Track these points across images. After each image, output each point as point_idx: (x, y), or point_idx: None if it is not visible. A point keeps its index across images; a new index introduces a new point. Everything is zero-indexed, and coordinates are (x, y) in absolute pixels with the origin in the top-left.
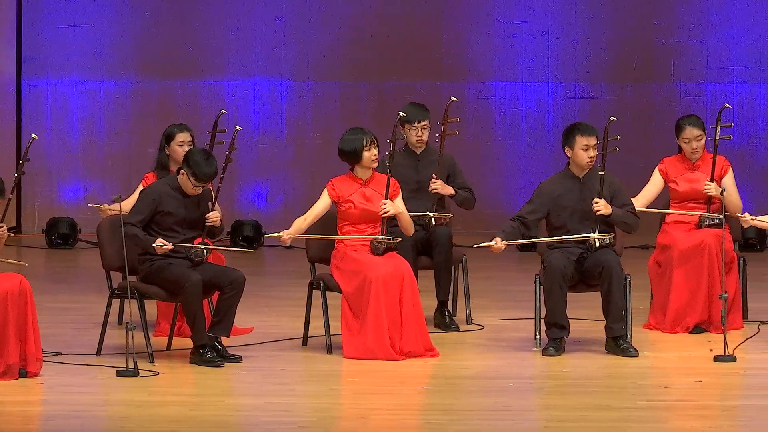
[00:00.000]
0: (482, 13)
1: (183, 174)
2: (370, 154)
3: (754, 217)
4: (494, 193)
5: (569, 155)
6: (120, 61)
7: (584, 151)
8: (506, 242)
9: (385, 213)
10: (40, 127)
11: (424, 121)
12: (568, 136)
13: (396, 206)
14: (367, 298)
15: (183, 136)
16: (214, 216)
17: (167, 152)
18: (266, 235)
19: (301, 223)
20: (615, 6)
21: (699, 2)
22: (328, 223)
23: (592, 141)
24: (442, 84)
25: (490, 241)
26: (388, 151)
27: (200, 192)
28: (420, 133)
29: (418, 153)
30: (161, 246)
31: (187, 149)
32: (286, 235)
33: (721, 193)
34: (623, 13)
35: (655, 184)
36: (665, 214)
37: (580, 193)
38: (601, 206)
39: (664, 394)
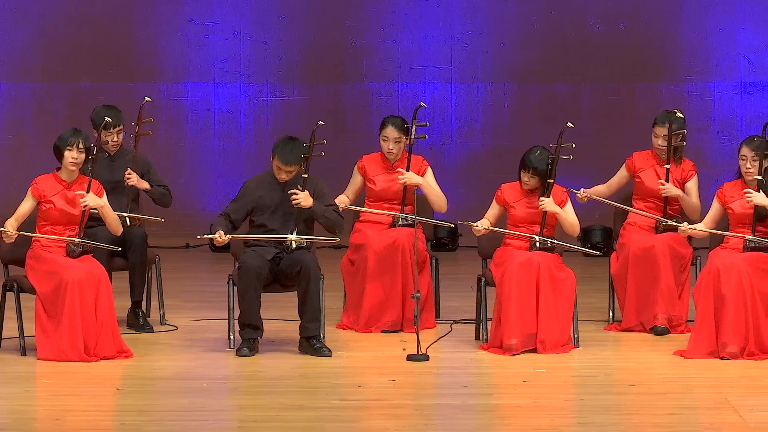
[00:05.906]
0: (174, 14)
1: None
2: (70, 155)
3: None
4: (187, 194)
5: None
6: None
7: None
8: (230, 236)
9: (84, 204)
10: None
11: (118, 125)
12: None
13: (95, 198)
14: (62, 301)
15: None
16: None
17: None
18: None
19: (13, 223)
20: (307, 6)
21: (390, 2)
22: (28, 222)
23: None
24: (135, 85)
25: (214, 234)
26: (91, 155)
27: None
28: (116, 138)
29: (113, 154)
30: None
31: None
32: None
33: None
34: (315, 14)
35: (355, 181)
36: (360, 212)
37: (282, 194)
38: (301, 198)
39: (357, 393)
